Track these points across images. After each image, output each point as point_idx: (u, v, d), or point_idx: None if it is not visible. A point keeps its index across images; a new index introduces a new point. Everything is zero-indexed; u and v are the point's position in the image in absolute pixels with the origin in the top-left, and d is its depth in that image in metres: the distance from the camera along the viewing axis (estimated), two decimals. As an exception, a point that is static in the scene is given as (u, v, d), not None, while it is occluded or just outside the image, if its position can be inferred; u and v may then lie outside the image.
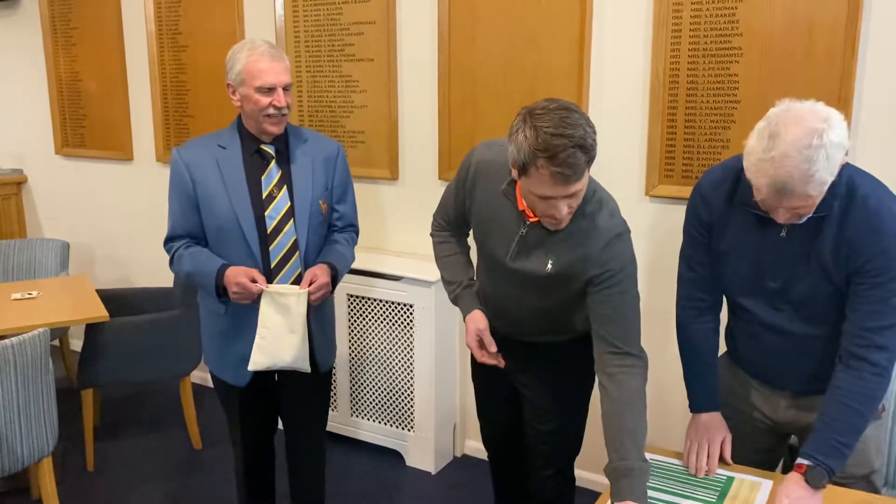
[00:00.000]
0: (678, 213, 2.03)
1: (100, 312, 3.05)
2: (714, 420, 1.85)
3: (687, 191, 1.99)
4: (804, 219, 1.61)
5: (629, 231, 1.83)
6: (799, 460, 1.65)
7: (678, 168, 2.67)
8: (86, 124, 4.22)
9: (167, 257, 2.30)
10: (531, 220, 1.81)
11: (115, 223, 4.28)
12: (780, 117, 1.51)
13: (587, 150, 1.61)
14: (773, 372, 1.86)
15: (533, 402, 2.13)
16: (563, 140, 1.58)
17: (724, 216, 1.76)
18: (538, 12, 2.82)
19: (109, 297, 3.37)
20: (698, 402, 1.89)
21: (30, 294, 3.23)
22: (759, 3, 2.45)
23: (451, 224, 2.13)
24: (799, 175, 1.47)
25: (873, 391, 1.64)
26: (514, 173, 1.70)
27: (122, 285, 4.18)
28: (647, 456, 1.76)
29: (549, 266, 1.82)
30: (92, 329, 3.14)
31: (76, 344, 4.04)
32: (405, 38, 3.16)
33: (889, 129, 2.37)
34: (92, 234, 4.40)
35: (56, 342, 4.00)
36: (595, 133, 1.64)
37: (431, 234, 2.20)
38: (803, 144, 1.46)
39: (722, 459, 1.81)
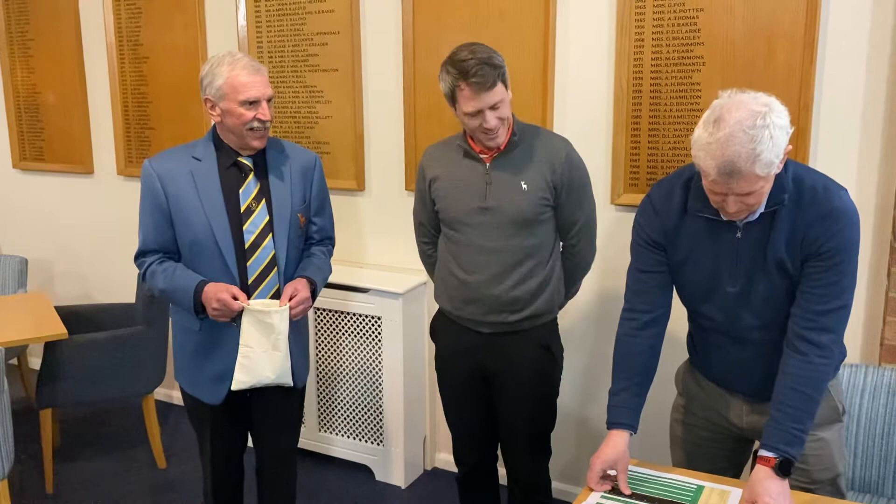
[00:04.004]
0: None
1: (59, 330, 2.98)
2: (621, 443, 1.78)
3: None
4: (755, 214, 1.65)
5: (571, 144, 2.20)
6: (763, 453, 1.65)
7: (642, 176, 2.69)
8: (44, 137, 4.13)
9: (129, 272, 2.25)
10: (487, 161, 2.13)
11: (75, 238, 4.19)
12: (724, 104, 1.56)
13: (495, 67, 1.98)
14: (734, 377, 1.87)
15: (509, 386, 2.24)
16: (470, 58, 1.97)
17: (679, 226, 1.78)
18: (502, 23, 2.83)
19: (69, 314, 3.30)
20: (616, 417, 1.82)
21: (-15, 312, 3.15)
22: (719, 12, 2.48)
23: (430, 231, 2.35)
24: (745, 154, 1.50)
25: (823, 374, 1.67)
26: (454, 111, 2.08)
27: (83, 302, 4.08)
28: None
29: (524, 185, 2.10)
30: (51, 347, 3.06)
31: (35, 362, 3.93)
32: (370, 49, 3.14)
33: (847, 135, 2.41)
34: (51, 250, 4.30)
35: (14, 361, 3.90)
36: (502, 58, 2.02)
37: (421, 255, 2.44)
38: (748, 125, 1.50)
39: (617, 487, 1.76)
